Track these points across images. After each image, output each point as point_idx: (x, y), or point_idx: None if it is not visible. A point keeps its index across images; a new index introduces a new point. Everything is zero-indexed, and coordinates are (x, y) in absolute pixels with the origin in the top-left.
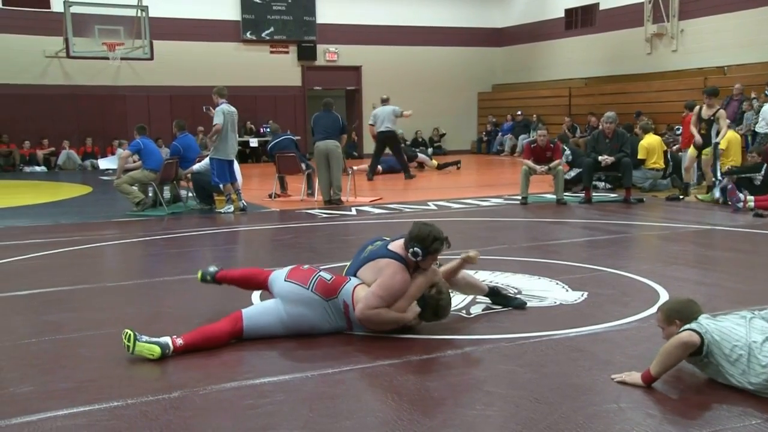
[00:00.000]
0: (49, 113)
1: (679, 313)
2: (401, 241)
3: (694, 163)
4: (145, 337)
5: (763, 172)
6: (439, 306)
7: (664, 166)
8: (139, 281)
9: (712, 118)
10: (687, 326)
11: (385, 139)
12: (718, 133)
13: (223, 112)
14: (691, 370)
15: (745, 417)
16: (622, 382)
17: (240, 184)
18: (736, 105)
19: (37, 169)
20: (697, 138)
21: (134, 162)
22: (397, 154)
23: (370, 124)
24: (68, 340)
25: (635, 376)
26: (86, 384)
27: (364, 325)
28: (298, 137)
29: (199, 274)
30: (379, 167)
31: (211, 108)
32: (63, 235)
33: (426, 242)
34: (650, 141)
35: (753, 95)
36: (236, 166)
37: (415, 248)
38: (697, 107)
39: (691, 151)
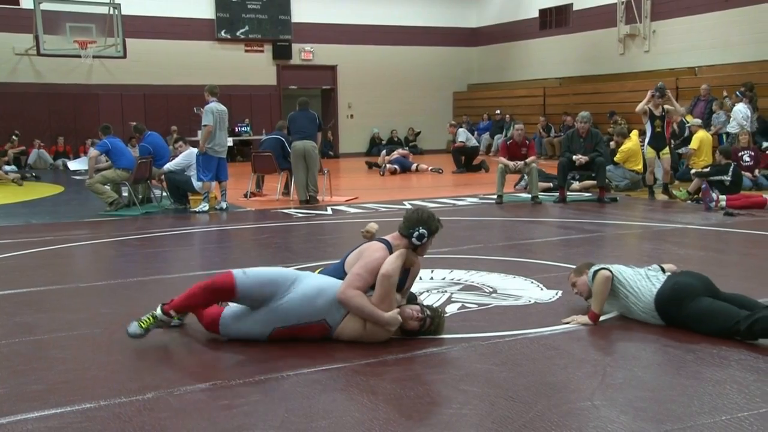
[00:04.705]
0: (19, 112)
1: (587, 266)
2: (394, 233)
3: (655, 163)
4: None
5: (731, 173)
6: (439, 329)
7: (644, 170)
8: (112, 281)
9: (663, 113)
10: (594, 268)
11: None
12: (680, 137)
13: (212, 111)
14: (673, 372)
15: (715, 413)
16: (572, 322)
17: (226, 184)
18: (704, 105)
19: (7, 168)
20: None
21: (105, 161)
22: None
23: (461, 141)
24: (41, 342)
25: (583, 318)
26: (59, 386)
27: (342, 305)
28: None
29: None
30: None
31: (201, 109)
32: (35, 235)
33: (431, 223)
34: (629, 145)
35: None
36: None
37: (421, 230)
38: (647, 106)
39: (648, 152)
